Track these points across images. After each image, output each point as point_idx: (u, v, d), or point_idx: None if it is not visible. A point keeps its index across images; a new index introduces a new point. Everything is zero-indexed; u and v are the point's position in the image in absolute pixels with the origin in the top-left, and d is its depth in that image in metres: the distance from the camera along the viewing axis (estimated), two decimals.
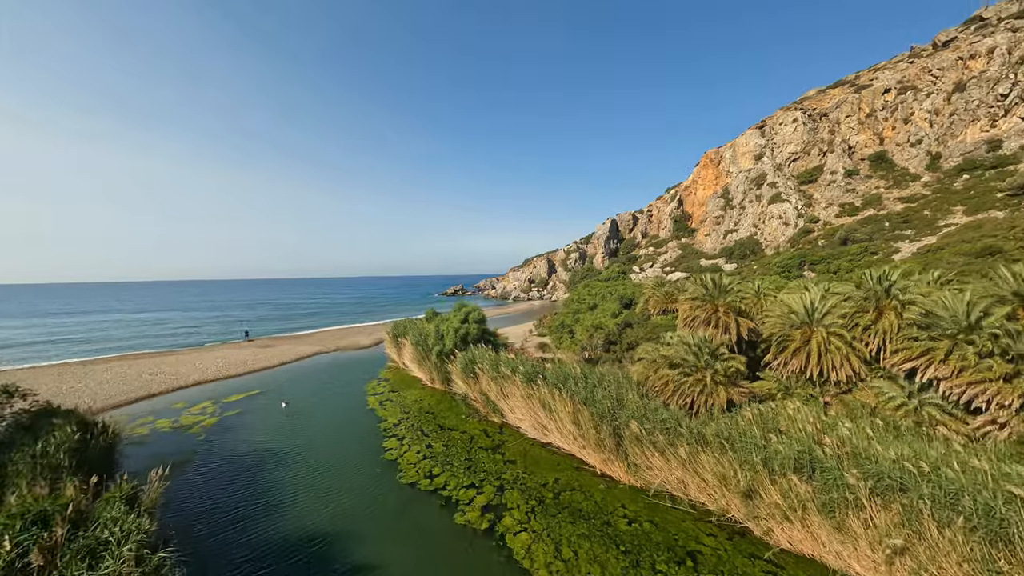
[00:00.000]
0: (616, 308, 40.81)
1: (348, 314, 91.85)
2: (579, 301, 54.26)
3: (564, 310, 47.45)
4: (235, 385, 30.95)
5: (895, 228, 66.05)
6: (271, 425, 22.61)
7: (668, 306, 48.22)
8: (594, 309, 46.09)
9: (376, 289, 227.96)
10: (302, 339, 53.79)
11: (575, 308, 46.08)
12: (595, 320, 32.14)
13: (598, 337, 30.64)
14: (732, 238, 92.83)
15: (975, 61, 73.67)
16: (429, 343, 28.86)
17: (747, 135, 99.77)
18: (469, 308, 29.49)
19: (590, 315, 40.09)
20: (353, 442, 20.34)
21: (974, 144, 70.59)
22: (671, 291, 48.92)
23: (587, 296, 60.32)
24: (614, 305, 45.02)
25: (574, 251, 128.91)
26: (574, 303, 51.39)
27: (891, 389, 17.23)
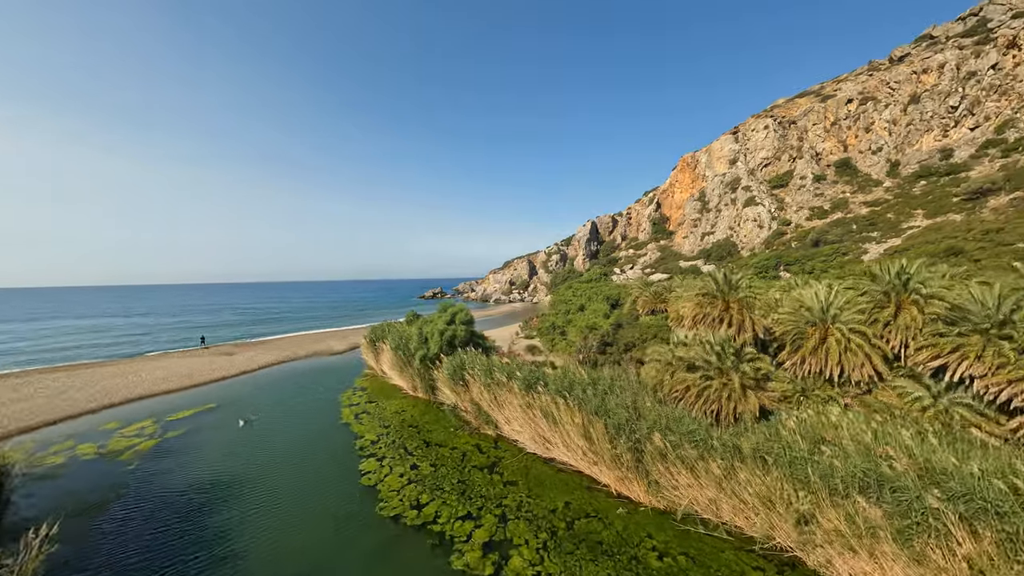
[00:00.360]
0: (606, 309, 39.21)
1: (321, 318, 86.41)
2: (566, 302, 52.50)
3: (552, 311, 45.51)
4: (184, 399, 26.80)
5: (862, 230, 68.67)
6: (224, 447, 19.10)
7: (657, 306, 47.24)
8: (583, 310, 44.40)
9: (352, 293, 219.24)
10: (269, 345, 49.08)
11: (564, 309, 44.24)
12: (588, 321, 30.27)
13: (593, 338, 28.75)
14: (709, 240, 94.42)
15: (927, 75, 78.26)
16: (411, 347, 25.99)
17: (722, 140, 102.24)
18: (456, 308, 26.87)
19: (581, 316, 38.27)
20: (324, 465, 17.27)
21: (929, 153, 74.73)
22: (659, 291, 48.04)
23: (573, 297, 58.67)
24: (603, 306, 43.47)
25: (555, 253, 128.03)
26: (561, 304, 49.59)
27: (915, 389, 16.10)
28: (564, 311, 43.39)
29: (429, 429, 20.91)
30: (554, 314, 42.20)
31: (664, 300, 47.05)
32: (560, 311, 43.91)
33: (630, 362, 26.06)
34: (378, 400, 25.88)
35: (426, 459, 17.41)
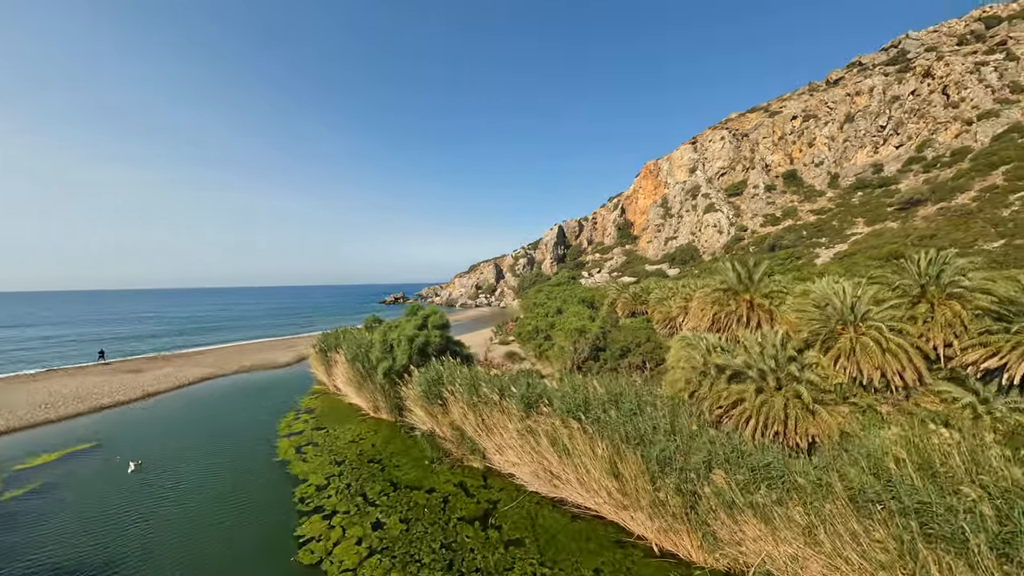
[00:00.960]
0: (588, 312, 36.26)
1: (266, 326, 76.31)
2: (541, 305, 49.13)
3: (531, 314, 41.86)
4: (53, 436, 19.70)
5: (812, 236, 72.64)
6: (94, 512, 13.15)
7: (637, 308, 45.31)
8: (561, 313, 41.20)
9: (305, 299, 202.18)
10: (195, 358, 40.78)
11: (543, 312, 40.75)
12: (574, 323, 26.98)
13: (584, 343, 25.42)
14: (673, 245, 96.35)
15: (860, 97, 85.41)
16: (372, 358, 21.06)
17: (681, 149, 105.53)
18: (428, 311, 22.32)
19: (563, 318, 34.98)
20: (243, 532, 12.08)
21: (863, 167, 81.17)
22: (638, 293, 46.21)
23: (547, 300, 55.49)
24: (583, 309, 40.55)
25: (522, 257, 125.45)
26: (539, 307, 46.10)
27: (963, 393, 14.22)
28: (543, 313, 39.94)
29: (396, 463, 16.20)
30: (533, 317, 38.62)
31: (644, 302, 45.22)
32: (538, 314, 40.39)
33: (630, 369, 22.96)
34: (329, 425, 20.56)
35: (394, 511, 12.80)
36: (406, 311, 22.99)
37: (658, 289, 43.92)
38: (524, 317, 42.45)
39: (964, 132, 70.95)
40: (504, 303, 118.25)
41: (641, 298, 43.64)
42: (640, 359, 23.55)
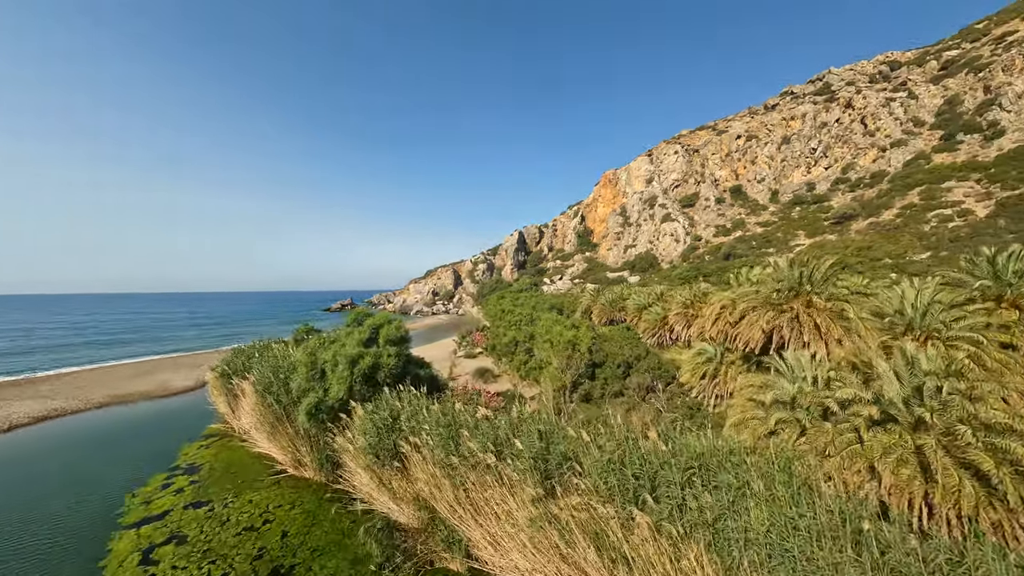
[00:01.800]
0: (569, 320, 31.60)
1: (177, 339, 62.01)
2: (510, 312, 43.74)
3: (501, 322, 36.24)
4: None
5: (760, 247, 75.81)
6: None
7: (615, 315, 41.73)
8: (535, 322, 36.18)
9: (238, 305, 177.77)
10: (37, 385, 29.42)
11: (513, 319, 35.39)
12: (566, 335, 22.03)
13: (578, 359, 20.46)
14: (632, 253, 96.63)
15: (794, 121, 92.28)
16: (293, 388, 14.24)
17: (639, 161, 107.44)
18: (378, 319, 15.89)
19: (540, 327, 29.87)
20: None
21: (799, 185, 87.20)
22: (616, 299, 42.74)
23: (513, 307, 50.20)
24: (558, 316, 35.85)
25: (481, 262, 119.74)
26: (507, 314, 40.64)
27: None
28: (515, 322, 34.59)
29: (327, 564, 9.72)
30: (506, 327, 33.10)
31: (622, 308, 41.83)
32: (510, 322, 34.96)
33: (639, 392, 18.30)
34: (219, 496, 13.25)
35: None
36: (348, 319, 16.41)
37: (636, 295, 40.64)
38: (494, 326, 36.79)
39: (880, 157, 78.62)
40: (463, 310, 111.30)
41: (618, 304, 40.11)
42: (648, 378, 19.04)
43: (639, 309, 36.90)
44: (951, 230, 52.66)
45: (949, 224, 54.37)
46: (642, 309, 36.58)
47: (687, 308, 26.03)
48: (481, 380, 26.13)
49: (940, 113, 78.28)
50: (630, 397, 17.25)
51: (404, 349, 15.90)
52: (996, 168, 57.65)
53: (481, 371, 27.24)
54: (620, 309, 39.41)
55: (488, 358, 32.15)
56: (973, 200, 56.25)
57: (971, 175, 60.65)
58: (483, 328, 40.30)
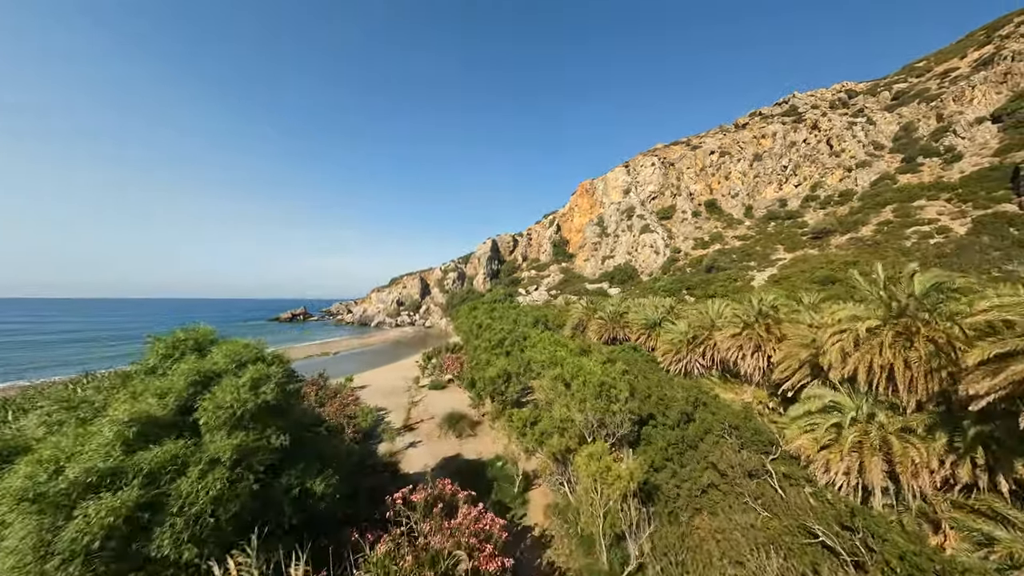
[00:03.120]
0: (572, 343, 23.52)
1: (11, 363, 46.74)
2: (488, 328, 35.05)
3: (480, 342, 27.24)
4: None
5: (742, 260, 73.04)
6: None
7: (618, 332, 34.31)
8: (527, 341, 27.77)
9: (152, 315, 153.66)
10: None
11: (495, 337, 26.67)
12: (594, 373, 13.83)
13: (619, 414, 12.24)
14: (610, 264, 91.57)
15: (765, 140, 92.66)
16: None
17: (616, 171, 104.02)
18: (218, 359, 6.79)
19: (537, 352, 21.42)
20: None
21: (772, 201, 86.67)
22: (617, 313, 35.41)
23: (491, 320, 41.49)
24: (559, 337, 27.78)
25: (452, 271, 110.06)
26: (486, 331, 31.86)
27: None
28: (497, 342, 25.87)
29: None
30: (486, 347, 24.33)
31: (625, 325, 34.54)
32: (489, 342, 26.16)
33: (742, 484, 10.34)
34: None
35: None
36: (148, 351, 7.13)
37: (642, 309, 33.48)
38: (469, 345, 27.81)
39: (846, 177, 79.36)
40: (430, 322, 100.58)
41: (620, 319, 32.74)
42: (738, 446, 11.15)
43: (648, 326, 29.65)
44: (935, 246, 51.04)
45: (931, 240, 52.98)
46: (652, 326, 29.33)
47: (751, 328, 18.78)
48: (453, 432, 17.13)
49: (897, 138, 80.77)
50: (728, 492, 9.42)
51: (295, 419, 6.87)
52: (964, 188, 57.90)
53: (453, 418, 18.24)
54: (622, 325, 31.95)
55: (462, 389, 23.13)
56: (948, 218, 55.68)
57: (940, 194, 60.79)
58: (454, 348, 31.18)
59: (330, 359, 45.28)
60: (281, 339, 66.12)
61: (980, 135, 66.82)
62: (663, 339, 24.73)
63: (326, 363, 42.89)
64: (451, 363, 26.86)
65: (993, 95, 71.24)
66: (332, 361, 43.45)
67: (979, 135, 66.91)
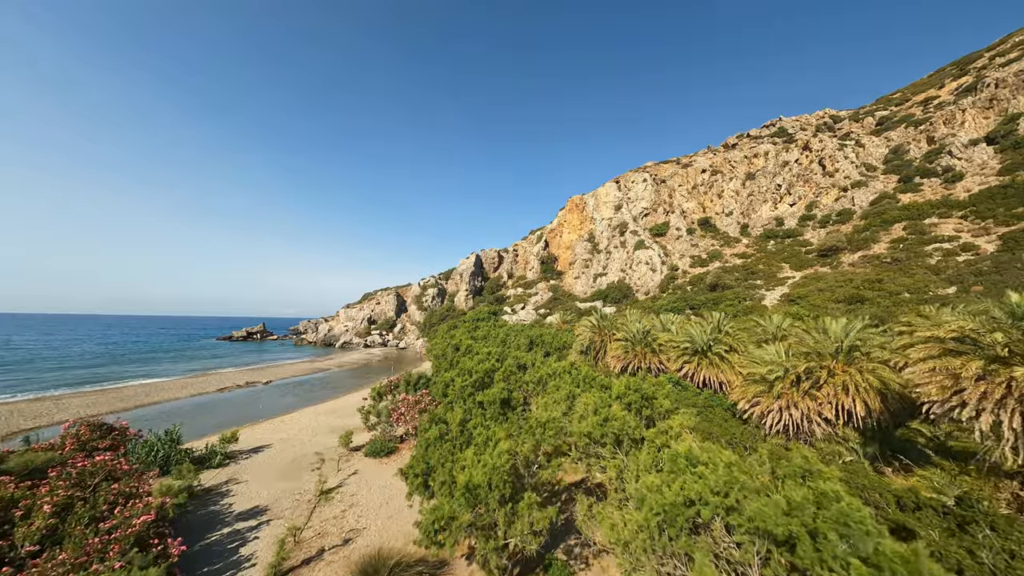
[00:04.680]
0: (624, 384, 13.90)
1: None
2: (466, 353, 25.13)
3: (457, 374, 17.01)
4: None
5: (745, 278, 66.64)
6: None
7: (643, 362, 24.90)
8: (525, 369, 17.97)
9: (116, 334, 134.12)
10: None
11: (481, 366, 16.62)
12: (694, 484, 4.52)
13: None
14: (603, 281, 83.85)
15: (757, 159, 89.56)
16: None
17: (607, 187, 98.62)
18: None
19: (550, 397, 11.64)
20: None
21: (768, 219, 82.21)
22: (644, 332, 26.24)
23: (472, 341, 31.67)
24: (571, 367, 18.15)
25: (432, 287, 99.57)
26: (467, 357, 21.91)
27: None
28: (483, 371, 15.95)
29: None
30: (461, 387, 14.43)
31: (659, 349, 25.44)
32: (474, 374, 16.16)
33: None
34: None
35: None
36: None
37: (678, 327, 24.51)
38: (440, 380, 17.58)
39: (842, 197, 75.85)
40: (405, 342, 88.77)
41: (650, 343, 23.52)
42: None
43: (694, 352, 20.62)
44: (966, 264, 45.30)
45: (958, 257, 47.42)
46: (699, 353, 20.34)
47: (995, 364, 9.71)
48: None
49: (888, 160, 78.71)
50: None
51: None
52: (980, 206, 53.76)
53: (380, 570, 7.90)
54: (653, 351, 22.67)
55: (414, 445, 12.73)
56: (969, 235, 50.79)
57: (952, 212, 56.55)
58: (418, 381, 20.89)
59: (253, 392, 33.55)
60: (208, 364, 52.56)
61: (977, 156, 64.47)
62: (744, 389, 15.46)
63: (243, 398, 31.38)
64: (408, 409, 16.61)
65: (981, 119, 70.05)
66: (253, 395, 31.93)
67: (976, 156, 64.55)
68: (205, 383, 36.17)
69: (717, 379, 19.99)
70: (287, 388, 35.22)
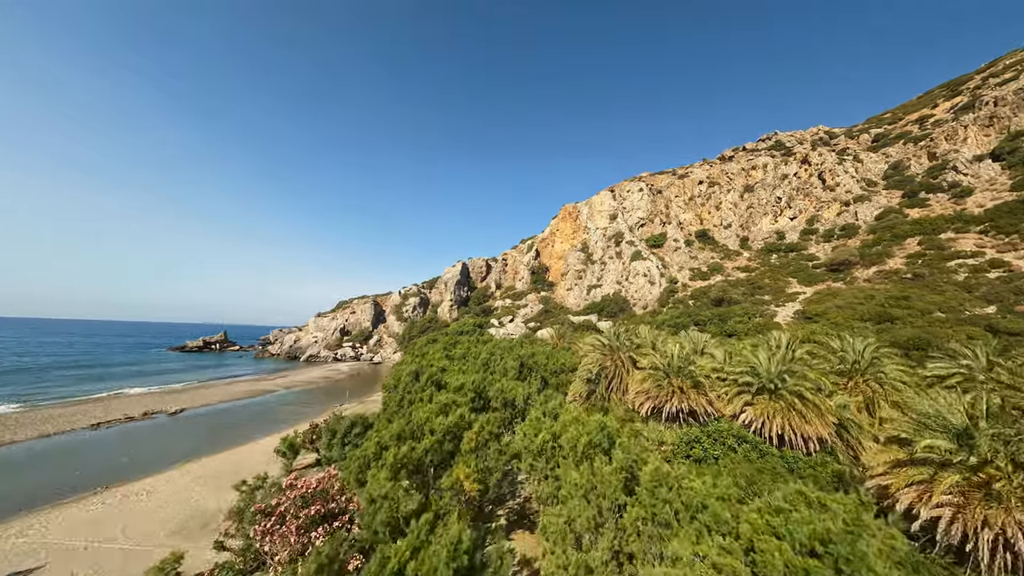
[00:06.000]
0: None
1: None
2: (429, 381, 17.76)
3: (396, 431, 9.82)
4: None
5: (752, 293, 61.53)
6: None
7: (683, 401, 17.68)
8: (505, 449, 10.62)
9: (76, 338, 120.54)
10: None
11: (440, 424, 9.43)
12: None
13: None
14: (597, 293, 77.75)
15: (756, 171, 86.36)
16: None
17: (602, 195, 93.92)
18: None
19: None
20: None
21: (768, 233, 78.22)
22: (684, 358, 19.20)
23: (439, 363, 24.42)
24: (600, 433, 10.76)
25: (414, 296, 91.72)
26: (425, 388, 14.50)
27: None
28: (440, 432, 8.88)
29: None
30: (393, 447, 7.42)
31: (706, 389, 18.64)
32: (410, 430, 9.02)
33: None
34: None
35: None
36: None
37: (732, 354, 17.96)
38: (384, 429, 10.37)
39: (844, 211, 72.49)
40: (381, 356, 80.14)
41: (694, 375, 16.75)
42: None
43: (765, 390, 14.01)
44: (1000, 280, 40.77)
45: (988, 274, 42.98)
46: (766, 391, 13.72)
47: None
48: None
49: (887, 176, 76.24)
50: None
51: None
52: (1000, 221, 50.11)
53: None
54: (697, 386, 15.87)
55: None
56: (993, 251, 46.71)
57: (968, 227, 52.81)
58: (349, 431, 13.48)
59: (141, 429, 24.92)
60: (122, 384, 41.62)
61: (984, 171, 61.86)
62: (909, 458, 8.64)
63: (113, 441, 22.91)
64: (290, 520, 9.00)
65: (982, 136, 68.14)
66: (134, 435, 23.30)
67: (983, 171, 61.95)
68: (84, 413, 27.23)
69: (799, 432, 13.32)
70: (196, 421, 26.61)
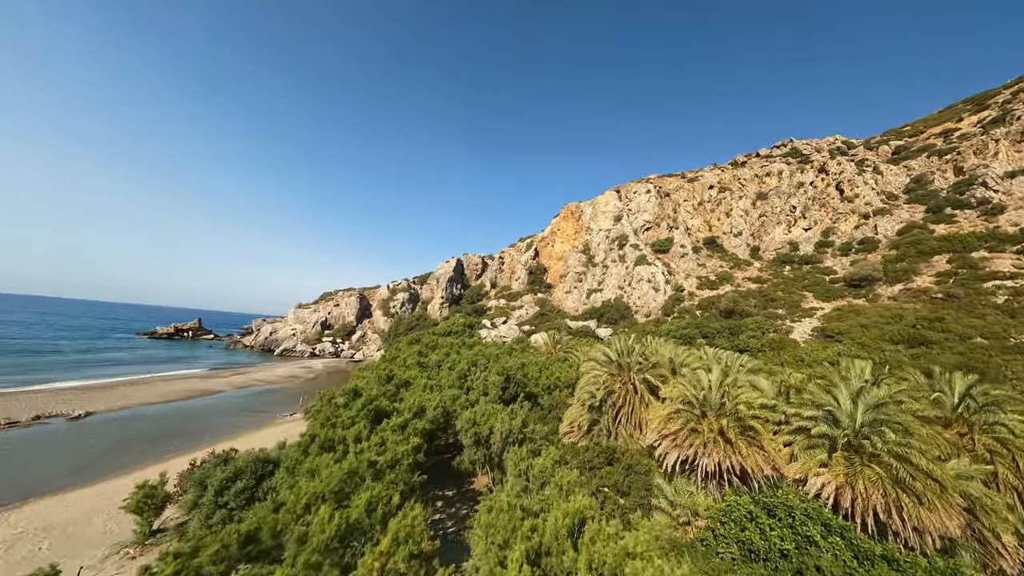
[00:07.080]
0: None
1: None
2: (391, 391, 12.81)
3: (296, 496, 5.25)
4: None
5: (765, 305, 57.31)
6: None
7: (752, 460, 12.98)
8: None
9: None
10: None
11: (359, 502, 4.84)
12: None
13: None
14: (597, 298, 73.31)
15: (769, 178, 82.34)
16: None
17: (607, 195, 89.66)
18: None
19: None
20: None
21: (781, 243, 74.14)
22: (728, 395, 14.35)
23: (407, 369, 19.28)
24: None
25: (403, 291, 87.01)
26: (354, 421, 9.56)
27: None
28: None
29: None
30: None
31: (760, 438, 13.95)
32: None
33: None
34: None
35: None
36: None
37: (795, 388, 13.26)
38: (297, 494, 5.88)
39: (863, 224, 68.51)
40: (363, 353, 75.30)
41: (740, 416, 12.14)
42: None
43: (851, 447, 8.99)
44: None
45: None
46: (854, 452, 8.57)
47: None
48: None
49: (909, 189, 72.33)
50: None
51: None
52: None
53: None
54: (745, 427, 11.06)
55: None
56: None
57: (1004, 246, 48.73)
58: (228, 487, 8.70)
59: (22, 436, 19.95)
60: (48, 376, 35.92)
61: (1017, 188, 58.00)
62: None
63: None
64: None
65: (1013, 152, 64.31)
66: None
67: (1016, 188, 58.08)
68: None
69: (910, 520, 8.77)
70: (95, 432, 21.36)
